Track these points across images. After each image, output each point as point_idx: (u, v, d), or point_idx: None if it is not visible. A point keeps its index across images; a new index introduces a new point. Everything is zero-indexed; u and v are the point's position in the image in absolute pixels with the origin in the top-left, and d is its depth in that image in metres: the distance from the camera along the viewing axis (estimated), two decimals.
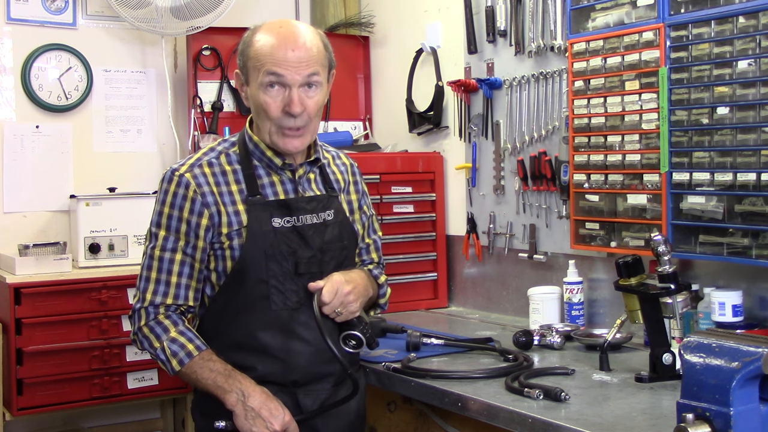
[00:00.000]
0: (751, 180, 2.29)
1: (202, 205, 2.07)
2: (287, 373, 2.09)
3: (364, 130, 3.99)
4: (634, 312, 2.31)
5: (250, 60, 2.09)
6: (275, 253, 2.07)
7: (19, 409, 3.21)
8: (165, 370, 2.07)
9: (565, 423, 1.85)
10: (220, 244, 2.07)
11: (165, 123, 3.91)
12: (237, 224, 2.07)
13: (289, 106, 2.05)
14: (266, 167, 2.14)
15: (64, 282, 3.30)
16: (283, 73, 2.04)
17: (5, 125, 3.64)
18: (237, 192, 2.10)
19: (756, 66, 2.28)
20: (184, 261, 2.07)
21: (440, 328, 3.03)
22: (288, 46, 2.05)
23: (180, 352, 2.03)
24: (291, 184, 2.15)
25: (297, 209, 2.12)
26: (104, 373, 3.34)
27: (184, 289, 2.08)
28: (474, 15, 3.34)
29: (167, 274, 2.07)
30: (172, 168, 2.13)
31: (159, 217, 2.10)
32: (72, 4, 3.77)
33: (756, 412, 1.46)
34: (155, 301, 2.06)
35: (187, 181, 2.08)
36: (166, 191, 2.09)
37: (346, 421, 2.19)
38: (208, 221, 2.07)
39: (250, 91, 2.11)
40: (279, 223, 2.08)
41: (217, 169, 2.11)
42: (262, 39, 2.08)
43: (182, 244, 2.07)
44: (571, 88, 2.82)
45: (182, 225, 2.07)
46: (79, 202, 3.49)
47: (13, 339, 3.20)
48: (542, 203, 3.08)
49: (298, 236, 2.10)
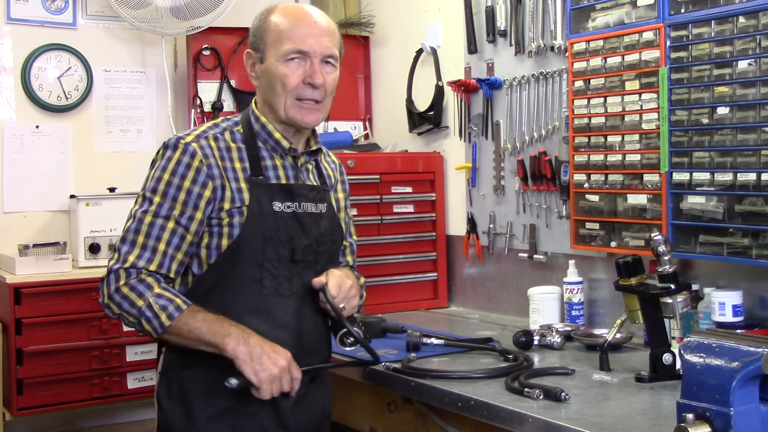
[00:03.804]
0: (751, 180, 2.29)
1: (207, 176, 2.00)
2: None
3: (364, 130, 3.99)
4: (634, 312, 2.30)
5: (270, 34, 2.07)
6: (273, 237, 2.02)
7: (19, 409, 3.22)
8: (146, 331, 1.93)
9: (565, 423, 1.85)
10: (219, 220, 2.00)
11: (165, 123, 3.91)
12: (239, 202, 2.01)
13: (311, 77, 2.04)
14: (270, 150, 2.10)
15: (64, 282, 3.31)
16: (306, 44, 2.04)
17: (5, 125, 3.65)
18: (240, 170, 2.04)
19: (756, 66, 2.28)
20: (175, 230, 1.97)
21: (440, 328, 3.03)
22: (310, 20, 2.08)
23: (169, 306, 1.91)
24: (293, 170, 2.12)
25: (298, 195, 2.08)
26: (104, 373, 3.35)
27: (170, 259, 1.97)
28: (474, 15, 3.34)
29: (155, 240, 1.96)
30: (177, 136, 2.05)
31: (156, 183, 2.01)
32: (72, 4, 3.77)
33: (756, 412, 1.46)
34: (137, 264, 1.94)
35: (194, 150, 2.01)
36: (169, 158, 2.01)
37: (313, 414, 2.14)
38: (211, 194, 2.00)
39: (266, 67, 2.07)
40: (279, 207, 2.04)
41: (222, 144, 2.05)
42: (281, 15, 2.08)
43: (177, 213, 1.98)
44: (571, 88, 2.82)
45: (181, 194, 1.99)
46: (79, 202, 3.49)
47: (13, 339, 3.20)
48: (542, 203, 3.08)
49: (297, 223, 2.06)
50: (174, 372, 2.03)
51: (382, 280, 3.34)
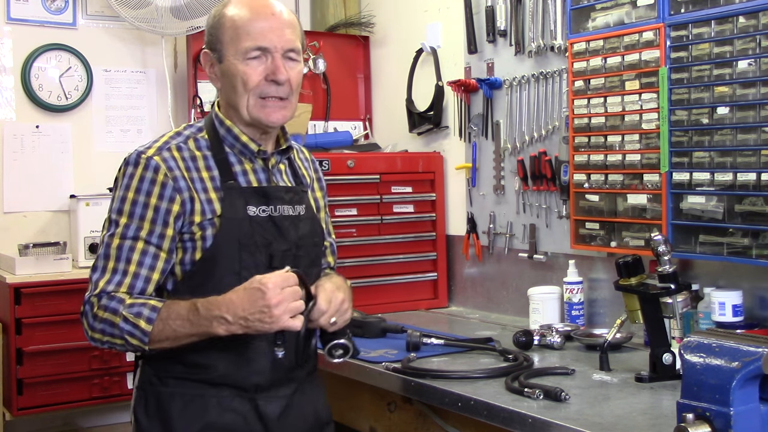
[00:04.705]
0: (751, 180, 2.29)
1: (174, 190, 1.88)
2: (250, 375, 1.92)
3: (364, 130, 3.99)
4: (634, 312, 2.30)
5: (226, 32, 1.95)
6: (249, 244, 1.90)
7: (19, 409, 3.22)
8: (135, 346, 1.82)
9: (565, 423, 1.85)
10: (191, 235, 1.89)
11: (165, 123, 3.91)
12: (210, 213, 1.89)
13: (274, 73, 1.92)
14: (238, 154, 1.98)
15: (64, 282, 3.30)
16: (266, 39, 1.92)
17: (5, 125, 3.64)
18: (209, 179, 1.92)
19: (756, 66, 2.28)
20: (146, 251, 1.87)
21: (440, 328, 3.03)
22: (267, 12, 1.95)
23: (144, 310, 1.81)
24: (264, 173, 2.00)
25: (274, 198, 1.96)
26: (104, 373, 3.35)
27: (143, 280, 1.86)
28: (474, 15, 3.34)
29: (125, 263, 1.86)
30: (138, 150, 1.94)
31: (121, 203, 1.89)
32: (72, 4, 3.77)
33: (756, 412, 1.46)
34: (107, 289, 1.84)
35: (157, 164, 1.89)
36: (132, 175, 1.90)
37: (302, 425, 2.02)
38: (179, 208, 1.88)
39: (225, 67, 1.96)
40: (254, 211, 1.92)
41: (186, 154, 1.93)
42: (236, 8, 1.96)
43: (144, 233, 1.87)
44: (571, 88, 2.82)
45: (148, 212, 1.87)
46: (79, 202, 3.49)
47: (13, 339, 3.20)
48: (542, 203, 3.08)
49: (273, 227, 1.94)
50: (152, 388, 1.94)
51: (382, 280, 3.34)
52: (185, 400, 1.91)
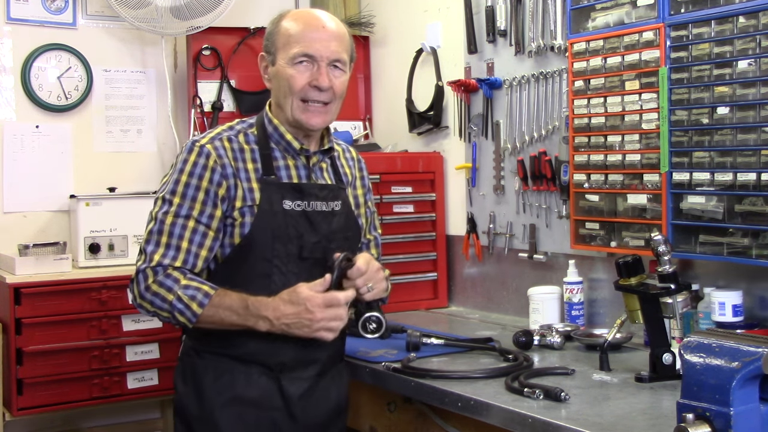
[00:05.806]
0: (751, 180, 2.29)
1: (221, 176, 2.09)
2: (276, 353, 2.10)
3: (364, 130, 3.99)
4: (634, 312, 2.30)
5: (281, 38, 2.16)
6: (282, 235, 2.10)
7: (19, 409, 3.21)
8: (181, 322, 2.04)
9: (565, 423, 1.85)
10: (232, 219, 2.10)
11: (165, 123, 3.91)
12: (250, 200, 2.10)
13: (317, 80, 2.12)
14: (283, 150, 2.19)
15: (64, 282, 3.30)
16: (313, 48, 2.12)
17: (5, 125, 3.64)
18: (253, 170, 2.13)
19: (756, 66, 2.28)
20: (196, 229, 2.08)
21: (440, 328, 3.03)
22: (319, 24, 2.17)
23: (198, 294, 2.02)
24: (305, 170, 2.20)
25: (309, 194, 2.16)
26: (104, 373, 3.35)
27: (194, 256, 2.07)
28: (474, 15, 3.34)
29: (178, 239, 2.07)
30: (193, 140, 2.16)
31: (175, 185, 2.10)
32: (72, 4, 3.77)
33: (756, 412, 1.47)
34: (163, 262, 2.05)
35: (208, 152, 2.11)
36: (186, 160, 2.11)
37: (324, 408, 2.20)
38: (225, 192, 2.09)
39: (276, 70, 2.17)
40: (289, 205, 2.12)
41: (235, 146, 2.15)
42: (292, 19, 2.18)
43: (196, 212, 2.08)
44: (571, 88, 2.82)
45: (200, 193, 2.09)
46: (79, 202, 3.49)
47: (13, 339, 3.20)
48: (542, 203, 3.08)
49: (306, 221, 2.14)
50: (189, 360, 2.16)
51: None
52: (217, 373, 2.12)
